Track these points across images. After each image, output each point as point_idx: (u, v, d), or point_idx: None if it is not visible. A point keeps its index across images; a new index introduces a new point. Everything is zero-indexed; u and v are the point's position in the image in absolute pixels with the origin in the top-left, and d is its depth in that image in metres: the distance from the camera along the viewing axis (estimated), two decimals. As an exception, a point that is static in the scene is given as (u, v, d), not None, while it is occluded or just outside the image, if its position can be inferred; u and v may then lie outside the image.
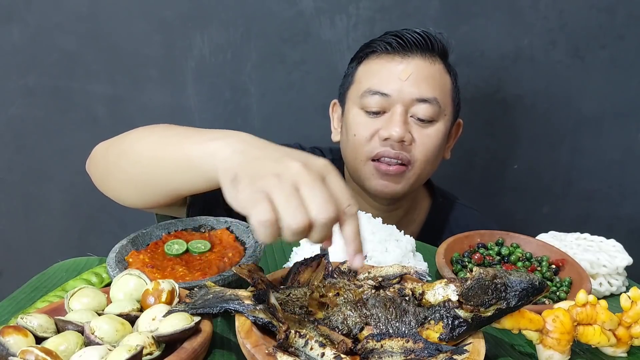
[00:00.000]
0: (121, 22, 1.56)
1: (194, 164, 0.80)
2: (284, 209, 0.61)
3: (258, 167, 0.68)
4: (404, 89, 1.16)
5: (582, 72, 1.63)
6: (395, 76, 1.17)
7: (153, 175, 0.90)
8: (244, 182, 0.66)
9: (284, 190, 0.63)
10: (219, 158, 0.74)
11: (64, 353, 0.58)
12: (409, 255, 0.91)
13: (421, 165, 1.20)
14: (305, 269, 0.77)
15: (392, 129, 1.15)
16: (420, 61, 1.19)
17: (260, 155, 0.72)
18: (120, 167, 0.95)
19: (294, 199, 0.62)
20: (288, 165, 0.66)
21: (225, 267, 0.85)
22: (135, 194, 0.98)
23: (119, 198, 1.01)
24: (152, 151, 0.90)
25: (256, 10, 1.56)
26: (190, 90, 1.62)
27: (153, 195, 0.96)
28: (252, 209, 0.62)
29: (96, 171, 1.03)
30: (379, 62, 1.20)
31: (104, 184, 1.02)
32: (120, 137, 1.00)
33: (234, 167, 0.70)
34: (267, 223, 0.61)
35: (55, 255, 1.09)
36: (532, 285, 0.64)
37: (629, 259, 0.95)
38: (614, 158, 1.71)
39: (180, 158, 0.83)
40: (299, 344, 0.61)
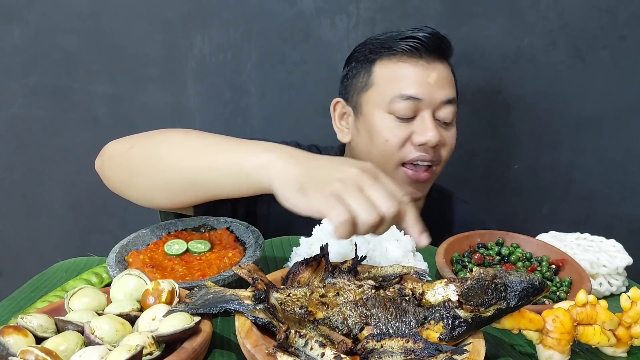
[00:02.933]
0: (122, 22, 1.56)
1: (245, 173, 0.84)
2: (358, 209, 0.71)
3: (321, 176, 0.76)
4: (432, 92, 1.17)
5: (583, 72, 1.63)
6: (423, 80, 1.17)
7: (196, 180, 0.92)
8: (313, 189, 0.74)
9: (353, 193, 0.72)
10: (275, 170, 0.80)
11: (64, 353, 0.58)
12: (409, 255, 0.91)
13: (443, 165, 1.24)
14: (305, 269, 0.77)
15: (428, 134, 1.16)
16: (440, 64, 1.20)
17: (316, 165, 0.80)
18: (154, 171, 0.95)
19: (363, 199, 0.72)
20: (347, 171, 0.75)
21: (225, 267, 0.85)
22: (166, 197, 0.99)
23: (142, 199, 1.02)
24: (197, 158, 0.92)
25: (256, 10, 1.56)
26: (190, 90, 1.62)
27: (188, 198, 0.98)
28: (330, 211, 0.70)
29: (113, 172, 1.02)
30: (404, 66, 1.19)
31: (123, 185, 1.02)
32: (144, 139, 1.00)
33: (297, 178, 0.77)
34: (347, 222, 0.70)
35: (55, 255, 1.09)
36: (532, 285, 0.64)
37: (629, 259, 0.95)
38: (615, 158, 1.71)
39: (230, 167, 0.87)
40: (299, 344, 0.61)
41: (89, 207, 1.72)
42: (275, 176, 0.80)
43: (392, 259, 0.88)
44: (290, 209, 0.76)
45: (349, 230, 0.71)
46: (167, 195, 0.99)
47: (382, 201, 0.73)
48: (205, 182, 0.91)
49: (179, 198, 0.98)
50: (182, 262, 0.87)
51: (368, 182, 0.74)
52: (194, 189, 0.94)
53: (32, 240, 1.74)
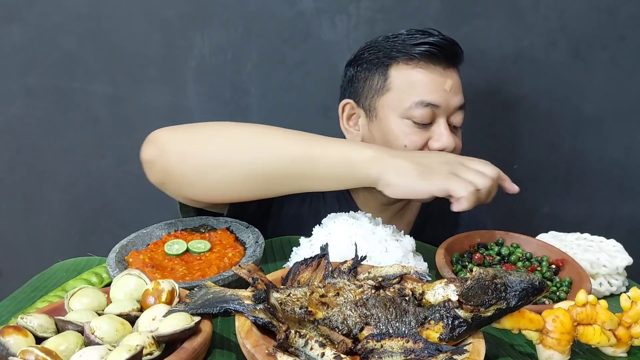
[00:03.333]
0: (121, 22, 1.56)
1: (352, 166, 0.93)
2: (475, 179, 0.90)
3: (426, 163, 0.93)
4: (448, 99, 1.18)
5: (582, 72, 1.63)
6: (440, 87, 1.18)
7: (296, 172, 0.95)
8: (430, 173, 0.90)
9: (463, 170, 0.92)
10: (385, 163, 0.92)
11: (64, 353, 0.58)
12: (409, 255, 0.91)
13: None
14: (305, 269, 0.77)
15: (443, 140, 1.17)
16: (454, 70, 1.22)
17: (414, 155, 0.95)
18: (245, 161, 0.96)
19: (474, 172, 0.91)
20: (445, 156, 0.97)
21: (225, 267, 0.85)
22: (244, 190, 0.99)
23: (211, 192, 1.01)
24: (301, 149, 0.95)
25: (256, 10, 1.56)
26: (190, 90, 1.62)
27: (268, 191, 1.00)
28: (457, 186, 0.88)
29: (180, 162, 0.99)
30: (422, 72, 1.19)
31: (190, 177, 0.99)
32: (217, 129, 1.02)
33: (411, 167, 0.91)
34: (473, 191, 0.88)
35: (55, 255, 1.09)
36: (532, 285, 0.64)
37: (629, 259, 0.95)
38: (615, 158, 1.71)
39: (338, 159, 0.94)
40: (299, 344, 0.61)
41: (89, 207, 1.72)
42: (388, 168, 0.91)
43: (392, 259, 0.88)
44: (406, 195, 0.91)
45: (476, 197, 0.88)
46: (247, 188, 0.99)
47: (485, 170, 0.93)
48: (307, 173, 0.95)
49: (258, 192, 1.00)
50: (182, 262, 0.87)
51: (464, 160, 0.95)
52: (287, 181, 0.96)
53: (32, 240, 1.74)
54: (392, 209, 1.33)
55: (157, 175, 1.02)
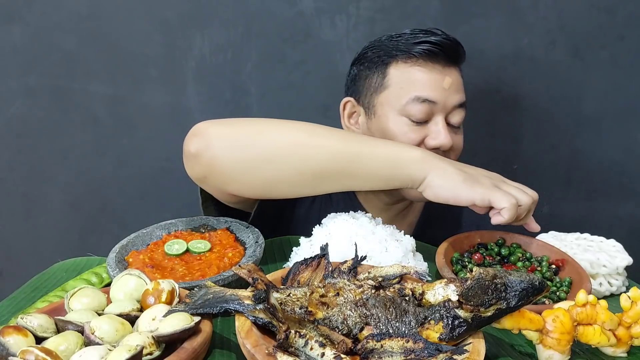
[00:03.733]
0: (121, 22, 1.56)
1: (400, 166, 0.95)
2: (516, 194, 0.92)
3: (472, 173, 0.96)
4: (447, 97, 1.18)
5: (582, 72, 1.63)
6: (438, 84, 1.18)
7: (348, 169, 0.97)
8: (476, 181, 0.93)
9: (505, 185, 0.95)
10: (432, 165, 0.95)
11: (64, 353, 0.58)
12: (409, 255, 0.91)
13: None
14: (305, 269, 0.77)
15: (441, 138, 1.17)
16: (454, 69, 1.22)
17: (459, 164, 0.99)
18: (299, 158, 0.97)
19: (515, 188, 0.94)
20: (489, 172, 0.99)
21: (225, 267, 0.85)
22: (295, 187, 1.00)
23: (260, 188, 1.01)
24: (353, 146, 0.97)
25: (256, 10, 1.56)
26: (190, 90, 1.62)
27: (317, 188, 1.01)
28: (500, 197, 0.90)
29: (232, 156, 0.98)
30: (420, 70, 1.19)
31: (242, 172, 0.99)
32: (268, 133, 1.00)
33: (457, 173, 0.94)
34: (515, 204, 0.89)
35: (55, 255, 1.09)
36: (532, 285, 0.64)
37: (629, 259, 0.95)
38: (614, 158, 1.71)
39: (388, 158, 0.96)
40: (299, 344, 0.61)
41: (89, 207, 1.72)
42: (434, 170, 0.94)
43: (392, 259, 0.88)
44: (447, 199, 0.94)
45: (516, 212, 0.90)
46: (294, 185, 1.00)
47: (526, 189, 0.96)
48: (358, 171, 0.97)
49: (304, 189, 1.00)
50: (182, 262, 0.87)
51: (506, 179, 0.98)
52: (335, 178, 0.98)
53: (32, 240, 1.74)
54: (395, 209, 1.33)
55: (200, 169, 1.01)
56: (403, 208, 1.35)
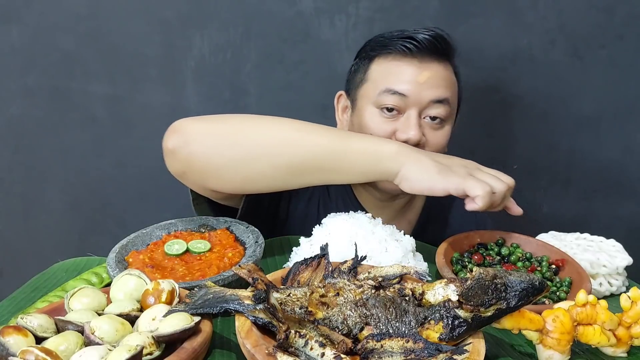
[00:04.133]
0: (121, 22, 1.56)
1: (378, 159, 0.98)
2: (491, 182, 0.93)
3: (447, 163, 0.98)
4: (421, 91, 1.17)
5: (581, 72, 1.63)
6: (413, 78, 1.18)
7: (325, 163, 0.99)
8: (449, 172, 0.94)
9: (480, 173, 0.97)
10: (409, 158, 0.97)
11: (64, 353, 0.58)
12: (409, 255, 0.91)
13: None
14: (305, 269, 0.77)
15: (409, 132, 1.16)
16: (436, 64, 1.20)
17: (435, 155, 1.01)
18: (277, 153, 0.99)
19: (490, 176, 0.96)
20: (465, 161, 1.01)
21: (225, 267, 0.85)
22: (272, 181, 1.02)
23: (238, 184, 1.03)
24: (332, 141, 1.00)
25: (256, 10, 1.56)
26: (189, 90, 1.62)
27: (293, 183, 1.02)
28: (473, 186, 0.91)
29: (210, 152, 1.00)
30: (396, 64, 1.20)
31: (220, 167, 1.01)
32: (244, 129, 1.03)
33: (432, 164, 0.96)
34: (488, 192, 0.91)
35: (55, 255, 1.09)
36: (532, 285, 0.64)
37: (629, 259, 0.95)
38: (614, 158, 1.71)
39: (366, 152, 0.99)
40: (299, 344, 0.61)
41: (89, 207, 1.72)
42: (410, 163, 0.96)
43: (392, 259, 0.88)
44: (422, 190, 0.95)
45: (490, 199, 0.91)
46: (274, 179, 1.02)
47: (501, 176, 0.97)
48: (336, 165, 0.99)
49: (285, 183, 1.03)
50: (182, 262, 0.87)
51: (481, 166, 1.00)
52: (315, 173, 1.00)
53: (32, 240, 1.74)
54: (393, 208, 1.33)
55: (179, 165, 1.03)
56: (401, 206, 1.35)
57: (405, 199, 1.34)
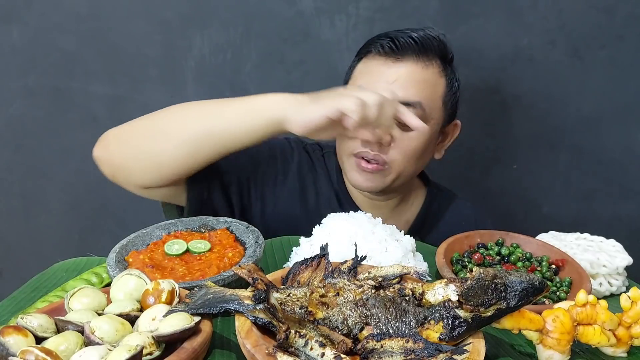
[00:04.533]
0: (121, 22, 1.56)
1: (258, 110, 1.02)
2: (361, 95, 0.97)
3: (326, 93, 1.01)
4: (390, 92, 1.17)
5: (581, 72, 1.63)
6: (384, 79, 1.18)
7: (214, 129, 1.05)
8: (324, 98, 0.98)
9: (352, 91, 1.00)
10: (287, 101, 1.01)
11: (64, 353, 0.58)
12: (409, 255, 0.91)
13: (400, 165, 1.22)
14: (305, 269, 0.77)
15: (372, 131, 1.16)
16: (412, 65, 1.19)
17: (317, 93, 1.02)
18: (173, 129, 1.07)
19: (361, 91, 1.00)
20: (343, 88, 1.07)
21: (225, 267, 0.85)
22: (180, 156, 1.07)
23: (153, 165, 1.09)
24: (214, 109, 1.09)
25: (256, 10, 1.56)
26: (190, 90, 1.62)
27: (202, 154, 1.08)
28: (344, 101, 0.95)
29: (122, 145, 1.12)
30: (373, 63, 1.22)
31: (133, 156, 1.11)
32: (151, 114, 1.12)
33: (308, 98, 1.00)
34: (360, 103, 0.94)
35: (55, 255, 1.09)
36: (532, 285, 0.64)
37: (629, 259, 0.95)
38: (614, 158, 1.71)
39: (245, 108, 1.05)
40: (299, 344, 0.61)
41: (89, 207, 1.72)
42: (289, 106, 1.00)
43: (392, 259, 0.88)
44: (306, 125, 0.98)
45: (364, 110, 0.95)
46: (178, 157, 1.07)
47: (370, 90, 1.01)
48: (225, 126, 1.05)
49: (190, 160, 1.08)
50: (182, 262, 0.87)
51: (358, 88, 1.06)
52: (209, 140, 1.05)
53: (32, 240, 1.74)
54: (387, 207, 1.34)
55: (106, 169, 1.13)
56: (395, 205, 1.36)
57: (398, 197, 1.34)
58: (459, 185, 1.66)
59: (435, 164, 1.50)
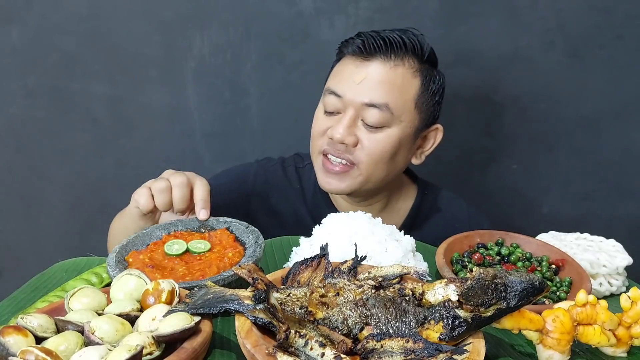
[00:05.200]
0: (121, 22, 1.56)
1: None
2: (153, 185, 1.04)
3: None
4: (357, 92, 1.17)
5: (580, 72, 1.63)
6: (351, 79, 1.18)
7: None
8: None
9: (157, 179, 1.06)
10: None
11: (64, 353, 0.58)
12: (409, 255, 0.91)
13: (368, 168, 1.21)
14: (305, 269, 0.77)
15: (336, 130, 1.17)
16: (380, 66, 1.18)
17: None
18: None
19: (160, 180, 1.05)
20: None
21: (225, 267, 0.85)
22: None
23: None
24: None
25: (256, 11, 1.56)
26: (190, 91, 1.62)
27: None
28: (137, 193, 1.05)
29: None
30: (344, 64, 1.23)
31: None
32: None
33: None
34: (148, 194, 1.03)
35: (55, 255, 1.09)
36: (532, 285, 0.64)
37: (629, 259, 0.95)
38: (613, 158, 1.71)
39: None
40: (299, 344, 0.61)
41: (89, 207, 1.72)
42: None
43: (392, 259, 0.88)
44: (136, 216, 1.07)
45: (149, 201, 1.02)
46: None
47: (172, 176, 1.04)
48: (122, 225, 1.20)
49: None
50: (182, 262, 0.87)
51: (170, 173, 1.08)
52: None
53: (32, 240, 1.74)
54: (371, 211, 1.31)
55: None
56: (380, 209, 1.35)
57: (381, 202, 1.34)
58: (458, 185, 1.66)
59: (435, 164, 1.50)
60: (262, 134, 1.66)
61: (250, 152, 1.67)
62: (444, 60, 1.60)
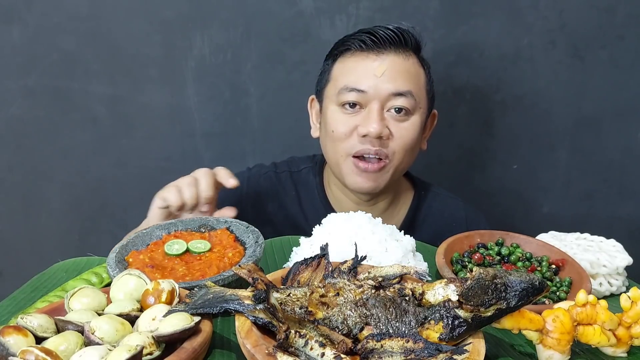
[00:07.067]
0: (121, 22, 1.56)
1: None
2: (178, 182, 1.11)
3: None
4: (379, 85, 1.18)
5: (581, 72, 1.63)
6: (370, 73, 1.18)
7: None
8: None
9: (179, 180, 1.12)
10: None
11: (64, 353, 0.58)
12: (409, 255, 0.91)
13: (399, 158, 1.23)
14: (305, 269, 0.77)
15: (370, 125, 1.17)
16: (395, 57, 1.20)
17: None
18: None
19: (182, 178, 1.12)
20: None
21: (225, 267, 0.85)
22: None
23: None
24: None
25: (256, 10, 1.56)
26: (190, 90, 1.62)
27: None
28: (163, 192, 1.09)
29: None
30: (354, 60, 1.22)
31: None
32: None
33: None
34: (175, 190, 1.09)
35: (55, 255, 1.09)
36: (532, 285, 0.64)
37: (629, 259, 0.95)
38: (614, 158, 1.71)
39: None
40: (299, 344, 0.61)
41: (89, 207, 1.72)
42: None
43: (392, 259, 0.88)
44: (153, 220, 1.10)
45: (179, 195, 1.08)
46: None
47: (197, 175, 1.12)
48: None
49: None
50: (182, 262, 0.87)
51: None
52: None
53: (32, 240, 1.74)
54: (376, 210, 1.34)
55: None
56: (383, 210, 1.35)
57: (386, 201, 1.34)
58: (458, 185, 1.66)
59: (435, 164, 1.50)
60: (262, 134, 1.66)
61: (251, 152, 1.67)
62: (445, 60, 1.60)
